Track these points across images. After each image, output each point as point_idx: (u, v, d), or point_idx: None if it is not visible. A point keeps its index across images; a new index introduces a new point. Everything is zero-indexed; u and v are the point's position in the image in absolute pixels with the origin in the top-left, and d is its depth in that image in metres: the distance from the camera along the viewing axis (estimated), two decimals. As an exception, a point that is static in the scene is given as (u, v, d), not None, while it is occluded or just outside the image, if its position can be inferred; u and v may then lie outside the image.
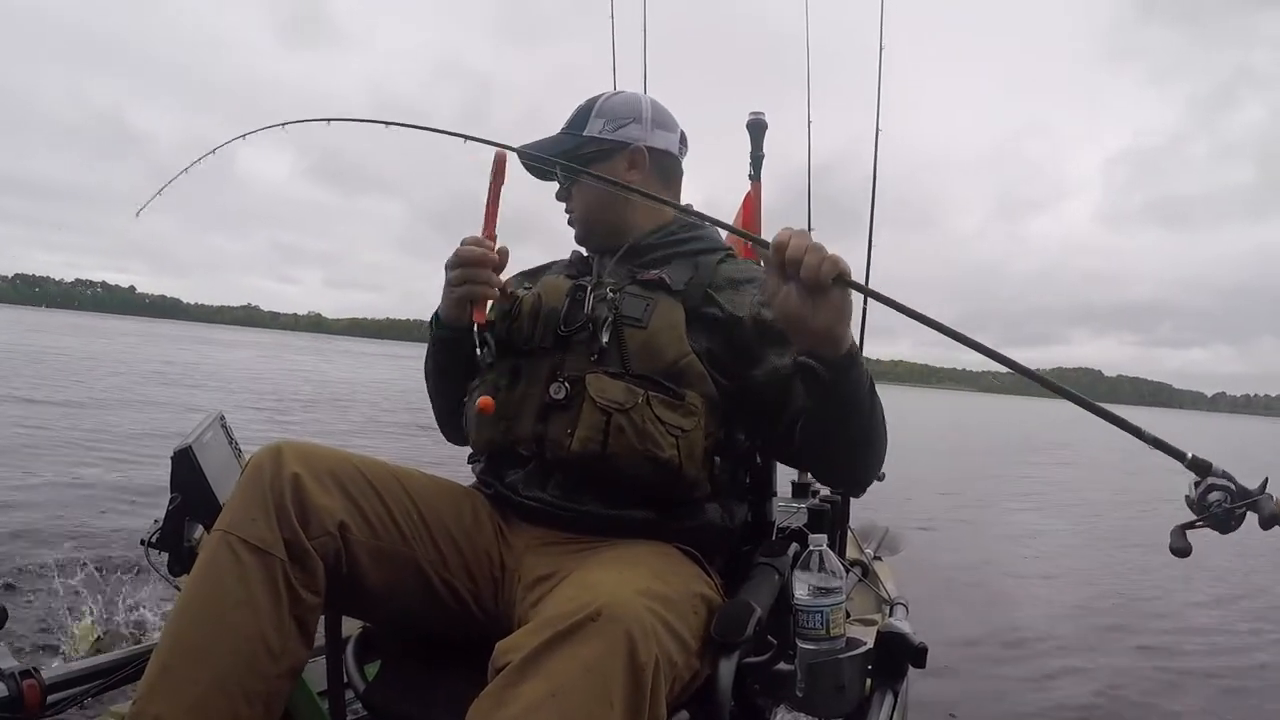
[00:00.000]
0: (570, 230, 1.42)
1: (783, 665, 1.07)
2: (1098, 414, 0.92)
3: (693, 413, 1.17)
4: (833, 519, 1.91)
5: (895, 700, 1.13)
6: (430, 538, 1.13)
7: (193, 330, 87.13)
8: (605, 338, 1.20)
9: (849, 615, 1.31)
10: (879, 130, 2.82)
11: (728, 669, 1.01)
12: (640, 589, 0.93)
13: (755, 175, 2.36)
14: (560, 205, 1.41)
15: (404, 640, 1.22)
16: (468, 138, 1.20)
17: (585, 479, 1.17)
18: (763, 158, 2.34)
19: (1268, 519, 0.82)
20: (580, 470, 1.17)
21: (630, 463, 1.13)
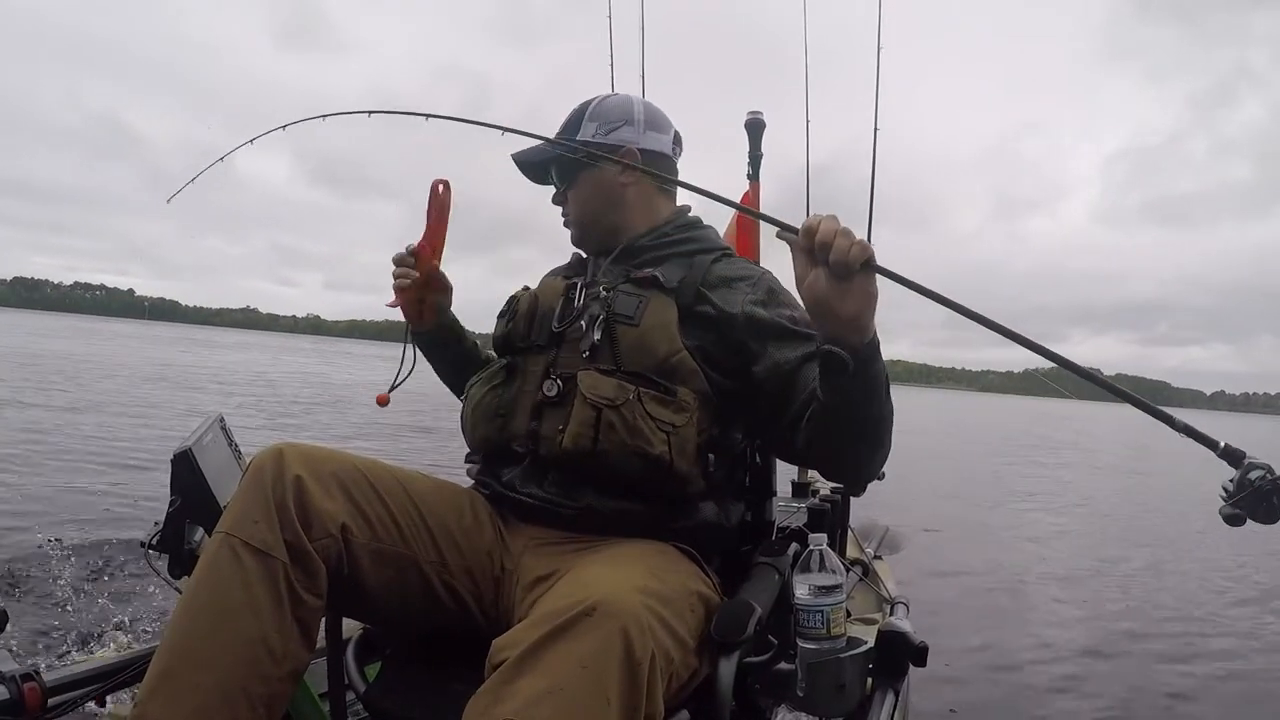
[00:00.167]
0: (568, 232, 1.43)
1: (783, 665, 1.07)
2: (1133, 403, 0.94)
3: (684, 409, 1.17)
4: (833, 518, 1.91)
5: (896, 699, 1.13)
6: (431, 539, 1.13)
7: (192, 332, 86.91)
8: (597, 335, 1.21)
9: (849, 614, 1.31)
10: (877, 129, 2.82)
11: (728, 669, 1.01)
12: (636, 585, 0.94)
13: (754, 175, 2.36)
14: (555, 209, 1.43)
15: (405, 642, 1.22)
16: (505, 129, 1.23)
17: (580, 475, 1.18)
18: (761, 157, 2.35)
19: None
20: (573, 466, 1.17)
21: (620, 458, 1.14)
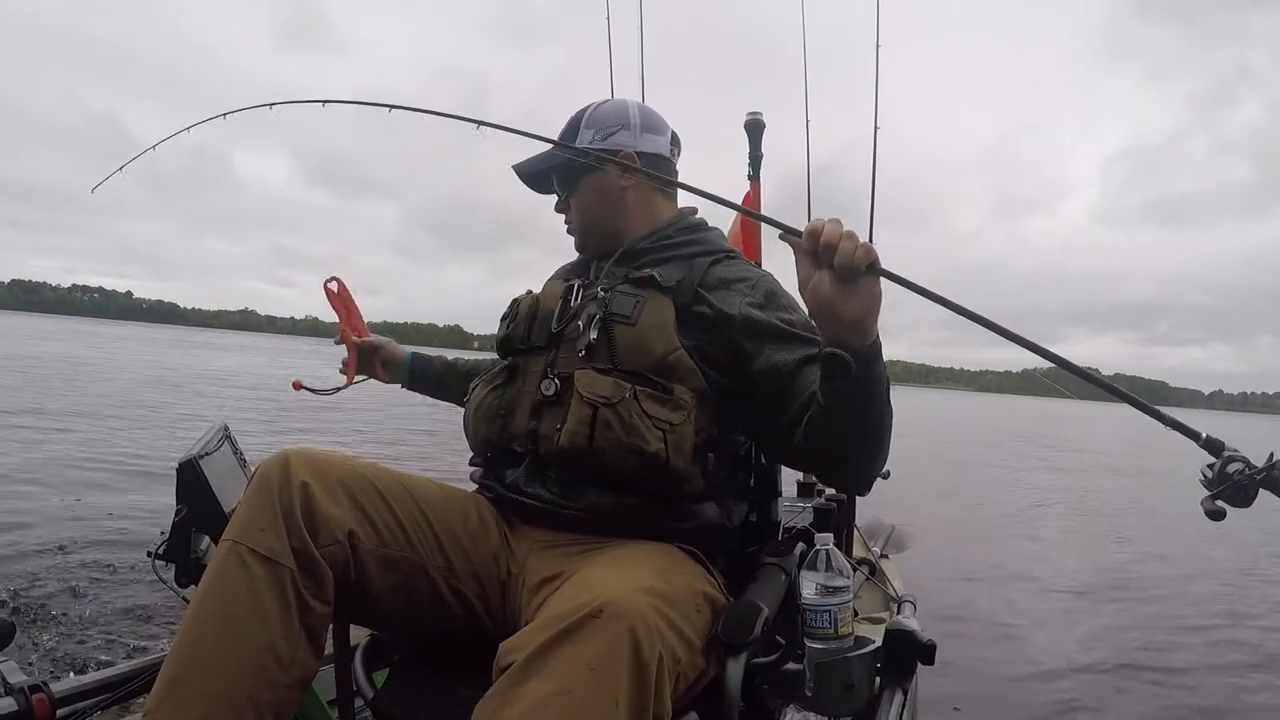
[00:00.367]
0: (568, 234, 1.44)
1: (791, 665, 1.07)
2: (1126, 400, 0.94)
3: (681, 407, 1.17)
4: (839, 518, 1.91)
5: (905, 698, 1.13)
6: (438, 545, 1.14)
7: (190, 334, 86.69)
8: (594, 334, 1.22)
9: (857, 614, 1.31)
10: (877, 129, 2.81)
11: (736, 669, 1.01)
12: (643, 586, 0.94)
13: (754, 175, 2.35)
14: (554, 209, 1.44)
15: (412, 648, 1.22)
16: (480, 123, 1.22)
17: (578, 474, 1.18)
18: (761, 158, 2.34)
19: None
20: (570, 465, 1.18)
21: (616, 456, 1.14)
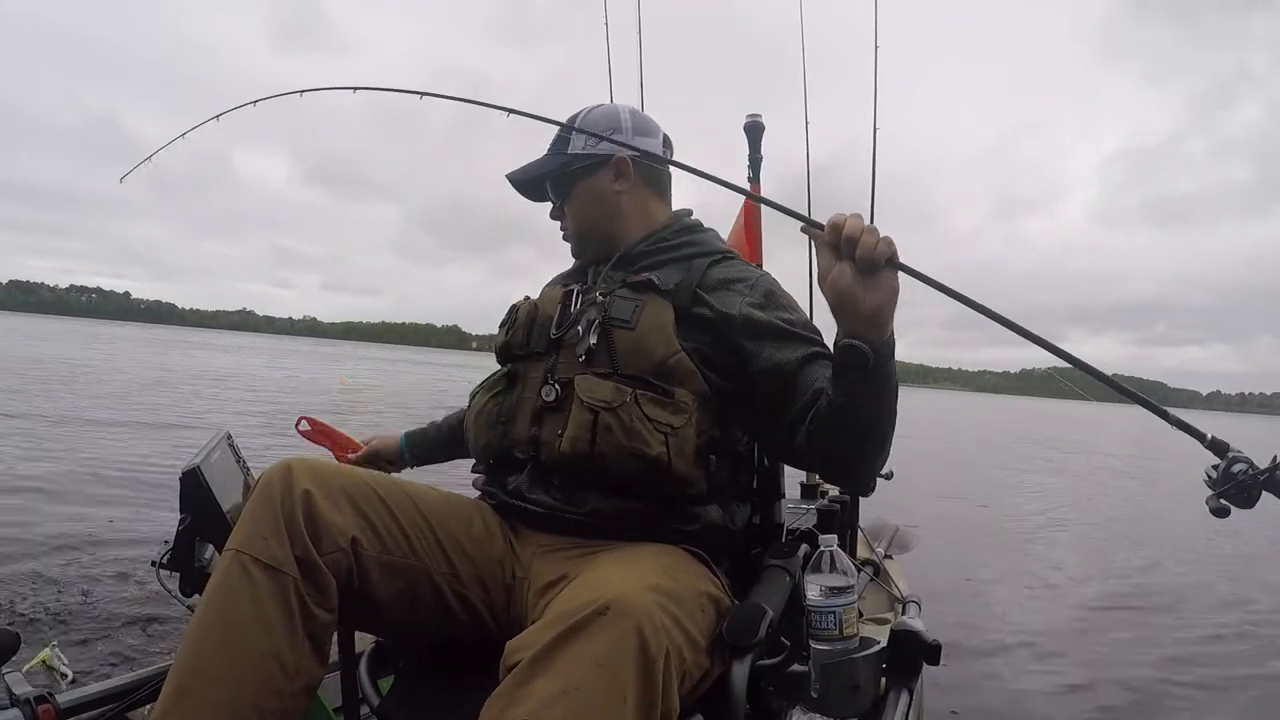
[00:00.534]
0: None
1: (797, 667, 1.07)
2: (1135, 400, 0.96)
3: (683, 410, 1.17)
4: (842, 519, 1.91)
5: (910, 698, 1.12)
6: (441, 551, 1.14)
7: (188, 335, 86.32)
8: (594, 339, 1.22)
9: (862, 615, 1.31)
10: (876, 130, 2.82)
11: (741, 672, 1.01)
12: (649, 584, 0.94)
13: (754, 178, 2.36)
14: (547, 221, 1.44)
15: (418, 654, 1.22)
16: (511, 111, 1.25)
17: (580, 479, 1.18)
18: (761, 160, 2.34)
19: None
20: (572, 470, 1.18)
21: (618, 460, 1.14)
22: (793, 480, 1.74)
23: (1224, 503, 0.88)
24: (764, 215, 2.42)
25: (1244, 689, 3.38)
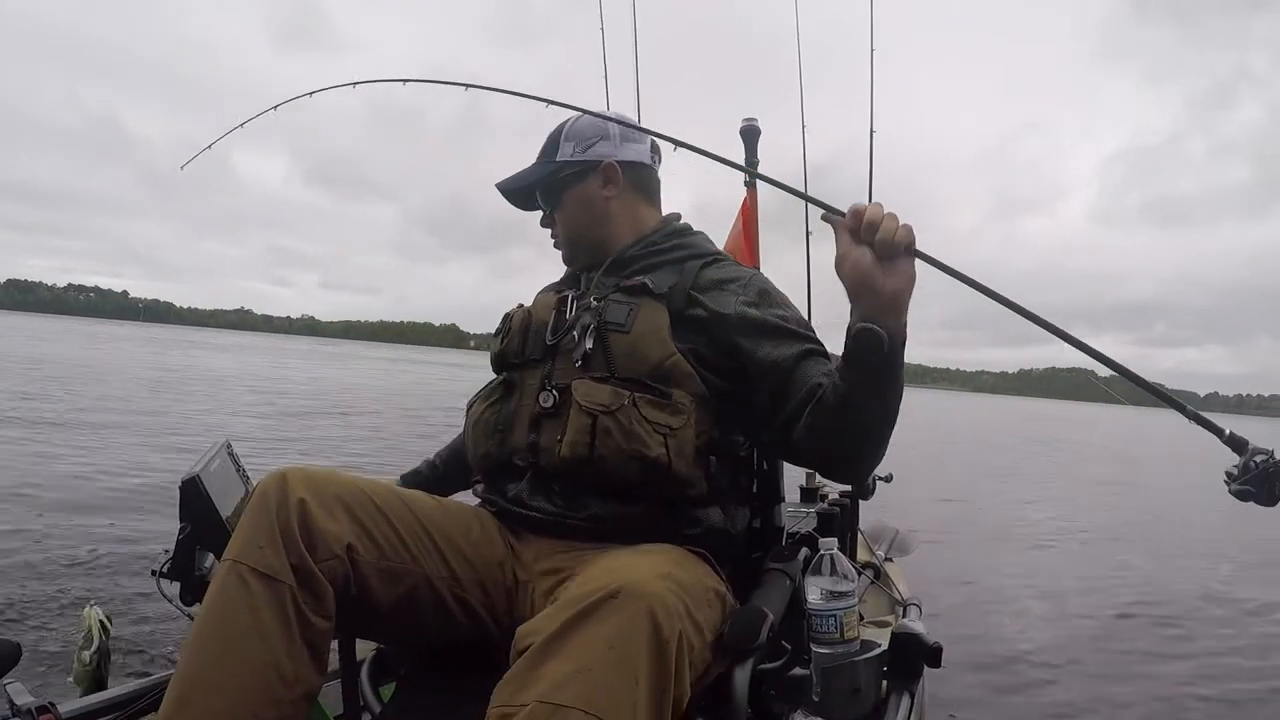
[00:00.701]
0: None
1: (798, 670, 1.07)
2: (1160, 397, 0.98)
3: (681, 410, 1.17)
4: (842, 522, 1.91)
5: (912, 701, 1.12)
6: (440, 556, 1.14)
7: (187, 334, 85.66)
8: (589, 344, 1.22)
9: (862, 618, 1.31)
10: (873, 132, 2.81)
11: (742, 675, 1.00)
12: (660, 573, 0.94)
13: (750, 182, 2.35)
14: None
15: (419, 661, 1.22)
16: (550, 102, 1.27)
17: (581, 484, 1.18)
18: (758, 164, 2.34)
19: None
20: (573, 475, 1.18)
21: (618, 463, 1.14)
22: (792, 484, 1.74)
23: (1247, 487, 0.88)
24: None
25: (1250, 693, 3.35)
